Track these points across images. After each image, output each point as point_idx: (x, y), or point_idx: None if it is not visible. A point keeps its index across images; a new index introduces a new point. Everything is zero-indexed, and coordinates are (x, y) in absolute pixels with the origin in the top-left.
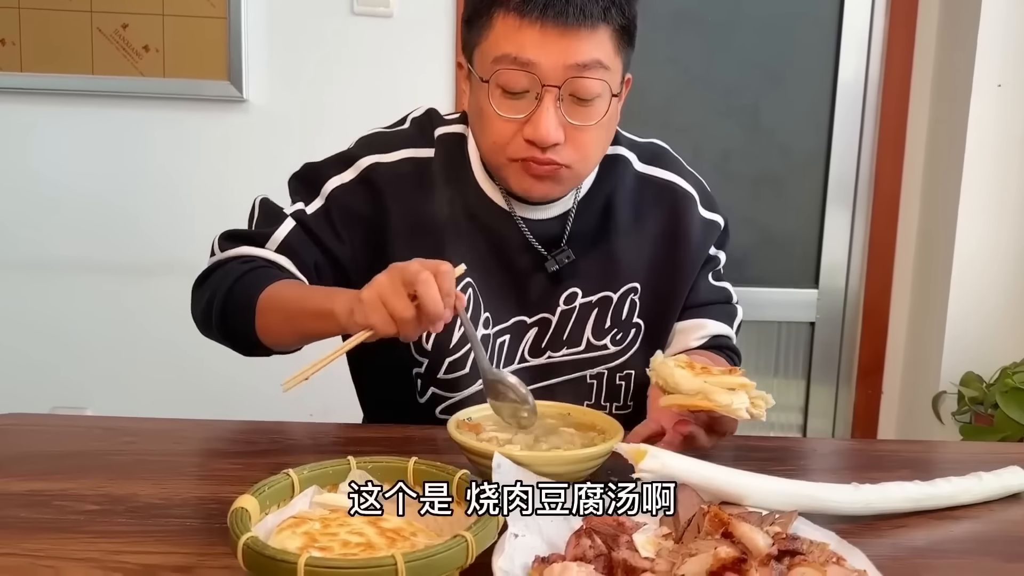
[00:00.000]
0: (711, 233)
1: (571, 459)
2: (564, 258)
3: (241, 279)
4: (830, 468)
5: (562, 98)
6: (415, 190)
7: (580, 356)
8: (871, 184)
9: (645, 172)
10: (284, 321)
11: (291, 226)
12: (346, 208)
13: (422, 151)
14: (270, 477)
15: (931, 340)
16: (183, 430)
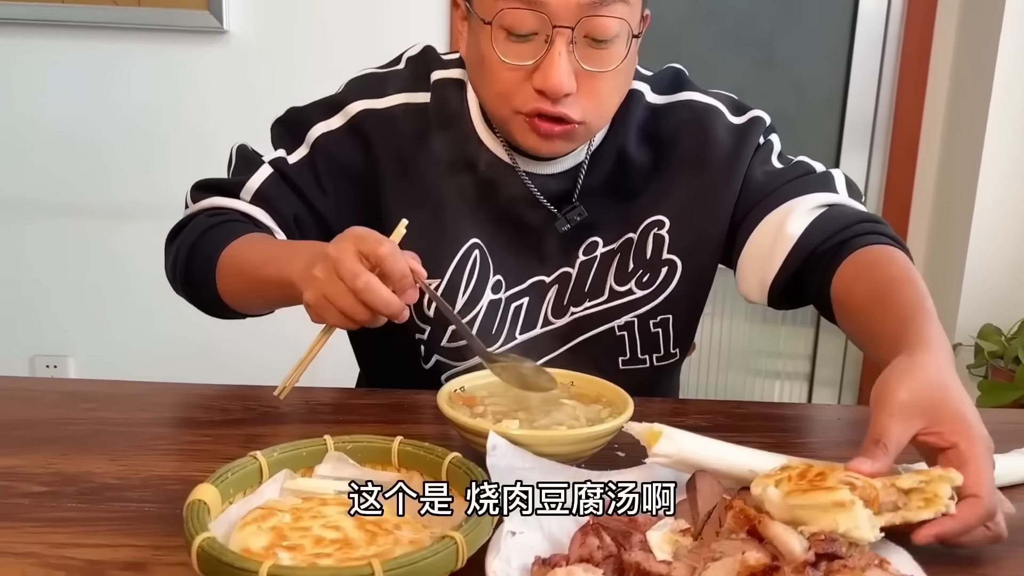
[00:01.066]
0: (748, 133)
1: (574, 439)
2: (576, 215)
3: (205, 235)
4: (850, 440)
5: (575, 40)
6: (409, 140)
7: (603, 307)
8: (889, 125)
9: (660, 102)
10: (246, 286)
11: (267, 173)
12: (332, 158)
13: (417, 96)
14: (234, 461)
15: (947, 290)
16: (149, 395)
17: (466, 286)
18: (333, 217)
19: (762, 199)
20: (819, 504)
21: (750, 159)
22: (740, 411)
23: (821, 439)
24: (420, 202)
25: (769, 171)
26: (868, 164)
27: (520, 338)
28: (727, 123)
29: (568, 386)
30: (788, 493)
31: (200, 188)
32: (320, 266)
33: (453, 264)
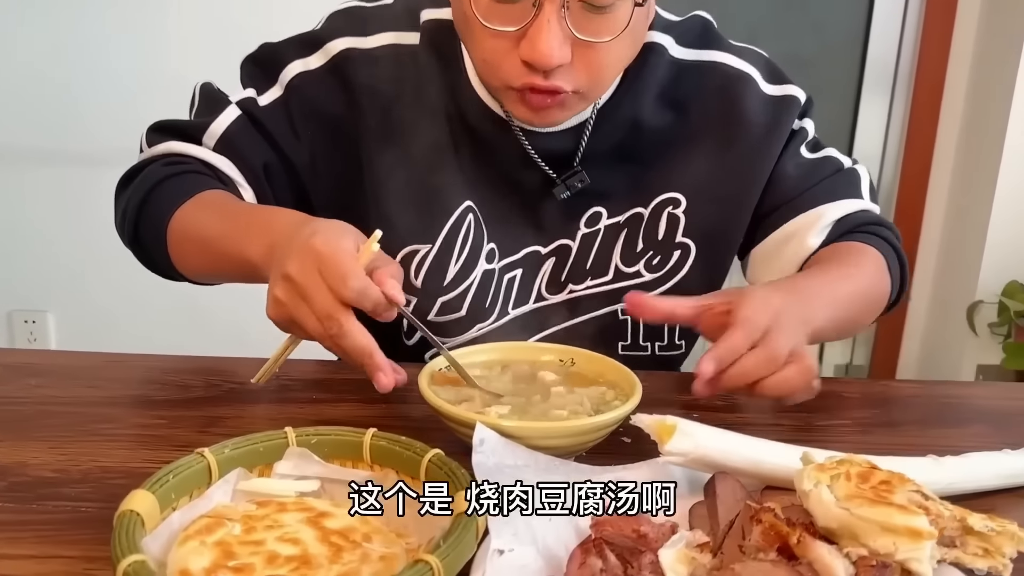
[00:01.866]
0: (784, 110)
1: (574, 430)
2: (576, 182)
3: (157, 189)
4: (889, 423)
5: (568, 5)
6: (396, 87)
7: (607, 287)
8: (913, 69)
9: (684, 58)
10: (201, 257)
11: (234, 116)
12: (309, 101)
13: (406, 36)
14: (178, 460)
15: (971, 243)
16: (102, 368)
17: (459, 254)
18: (305, 165)
19: (790, 200)
20: (887, 524)
21: (782, 149)
22: None
23: (848, 419)
24: (407, 157)
25: (800, 164)
26: (889, 110)
27: (512, 313)
28: (760, 94)
29: (567, 365)
30: (848, 498)
31: (157, 130)
32: (282, 287)
33: (446, 229)
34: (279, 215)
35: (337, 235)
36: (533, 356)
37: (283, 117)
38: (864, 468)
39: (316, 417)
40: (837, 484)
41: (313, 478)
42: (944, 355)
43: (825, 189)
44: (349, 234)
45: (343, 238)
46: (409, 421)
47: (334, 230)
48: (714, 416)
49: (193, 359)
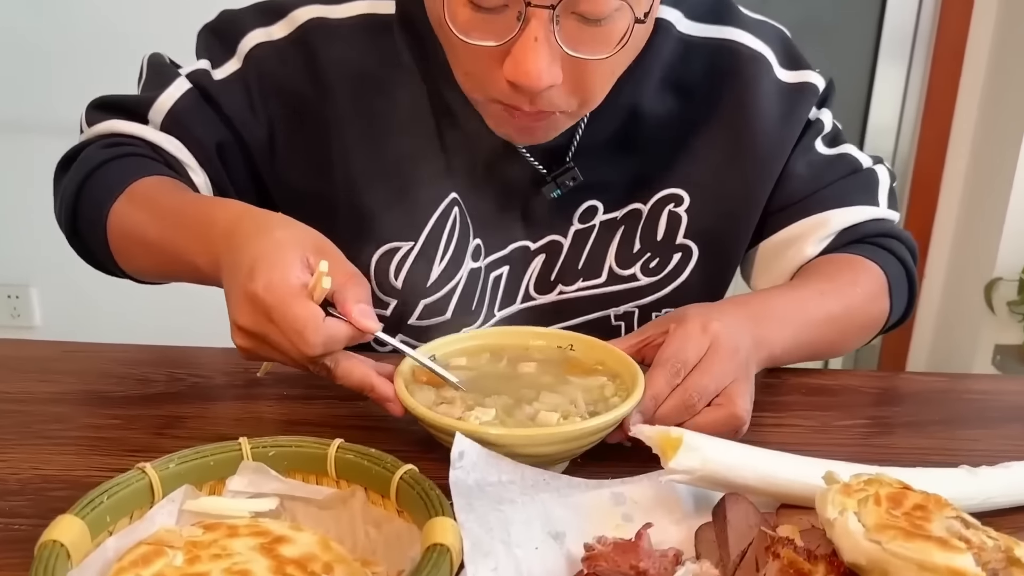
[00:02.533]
0: (800, 99)
1: (564, 436)
2: (568, 180)
3: (95, 174)
4: (912, 422)
5: (558, 20)
6: (371, 62)
7: (600, 290)
8: (932, 35)
9: (692, 34)
10: (145, 258)
11: (184, 89)
12: (270, 75)
13: (381, 5)
14: (115, 478)
15: (989, 218)
16: (55, 360)
17: (444, 252)
18: (262, 145)
19: (798, 201)
20: (925, 562)
21: (795, 143)
22: (773, 381)
23: (868, 418)
24: (384, 144)
25: (813, 161)
26: (907, 79)
27: (498, 315)
28: (775, 81)
29: (565, 351)
30: (879, 528)
31: (99, 107)
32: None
33: (430, 224)
34: (217, 215)
35: (280, 269)
36: (526, 341)
37: (240, 92)
38: (896, 489)
39: (285, 417)
40: (865, 510)
41: (271, 495)
42: (960, 334)
43: (836, 192)
44: (293, 263)
45: (287, 274)
46: (384, 422)
47: (274, 261)
48: None
49: (156, 349)
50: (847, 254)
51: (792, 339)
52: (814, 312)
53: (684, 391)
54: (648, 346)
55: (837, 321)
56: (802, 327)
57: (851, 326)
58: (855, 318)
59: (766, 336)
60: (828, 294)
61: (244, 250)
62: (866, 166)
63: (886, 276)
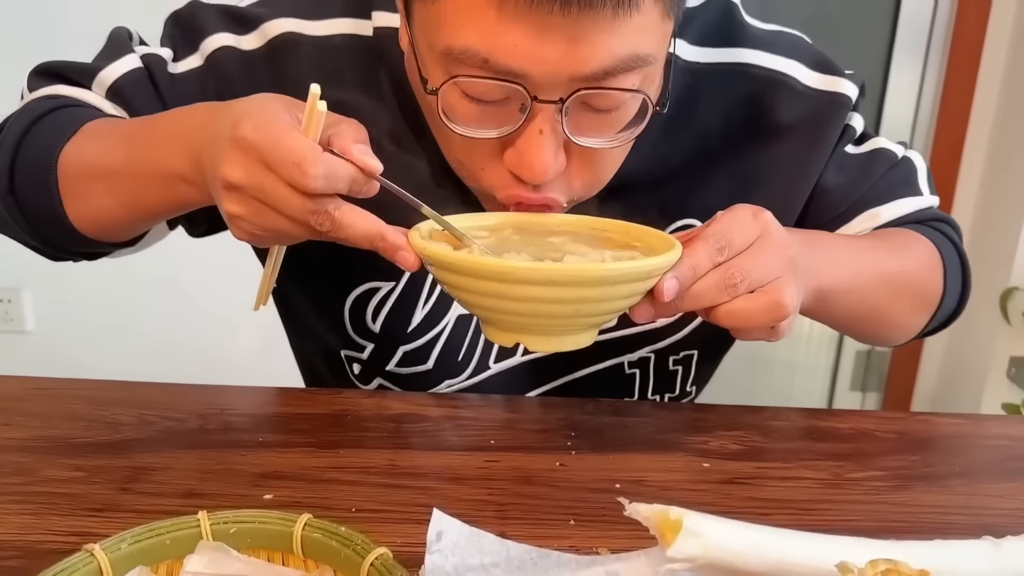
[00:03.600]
0: (832, 111)
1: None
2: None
3: (37, 124)
4: (930, 475)
5: (566, 112)
6: (349, 87)
7: (611, 335)
8: (949, 30)
9: (700, 61)
10: (109, 194)
11: (132, 66)
12: (231, 85)
13: (363, 25)
14: (59, 563)
15: (1006, 224)
16: (22, 398)
17: (428, 295)
18: None
19: (837, 214)
20: None
21: (827, 160)
22: (780, 423)
23: (884, 470)
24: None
25: (846, 166)
26: (922, 75)
27: (495, 368)
28: (803, 93)
29: (600, 231)
30: None
31: (41, 73)
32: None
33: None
34: (190, 111)
35: (267, 113)
36: (555, 221)
37: (195, 91)
38: None
39: (258, 468)
40: None
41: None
42: (974, 345)
43: (878, 191)
44: (280, 105)
45: (277, 114)
46: (364, 476)
47: (261, 108)
48: (729, 466)
49: (128, 387)
50: (899, 228)
51: (844, 279)
52: (868, 261)
53: (727, 268)
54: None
55: (890, 279)
56: (855, 272)
57: (904, 290)
58: (908, 283)
59: (817, 265)
60: (883, 250)
61: (224, 117)
62: (900, 156)
63: (940, 253)
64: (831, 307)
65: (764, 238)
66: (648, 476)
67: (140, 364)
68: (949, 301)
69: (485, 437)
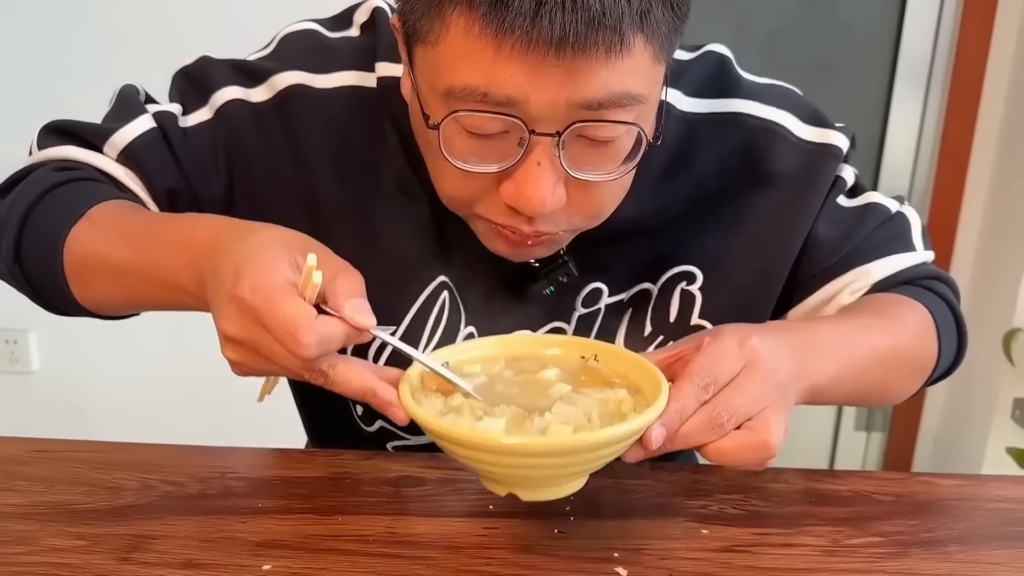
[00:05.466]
0: (823, 162)
1: (575, 447)
2: (561, 276)
3: (48, 196)
4: (929, 541)
5: (563, 144)
6: (354, 138)
7: None
8: (949, 69)
9: (696, 111)
10: (113, 286)
11: (146, 128)
12: (240, 136)
13: (367, 78)
14: None
15: (1009, 264)
16: (26, 461)
17: (429, 338)
18: (215, 202)
19: (832, 264)
20: None
21: (818, 211)
22: (780, 487)
23: (882, 535)
24: (367, 220)
25: (839, 219)
26: (923, 113)
27: None
28: (795, 145)
29: (589, 360)
30: None
31: (53, 131)
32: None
33: (415, 308)
34: (199, 228)
35: (267, 266)
36: (546, 350)
37: (206, 143)
38: None
39: (258, 536)
40: None
41: None
42: (978, 386)
43: (870, 245)
44: (279, 262)
45: (274, 274)
46: (364, 545)
47: (261, 259)
48: (728, 533)
49: (130, 448)
50: (890, 294)
51: (838, 372)
52: (861, 346)
53: (713, 408)
54: (680, 361)
55: (885, 358)
56: (848, 360)
57: (899, 365)
58: (903, 357)
59: (810, 365)
60: (875, 328)
61: (228, 257)
62: (894, 210)
63: (933, 316)
64: (827, 397)
65: (750, 368)
66: (647, 544)
67: (142, 404)
68: (944, 361)
69: (483, 502)
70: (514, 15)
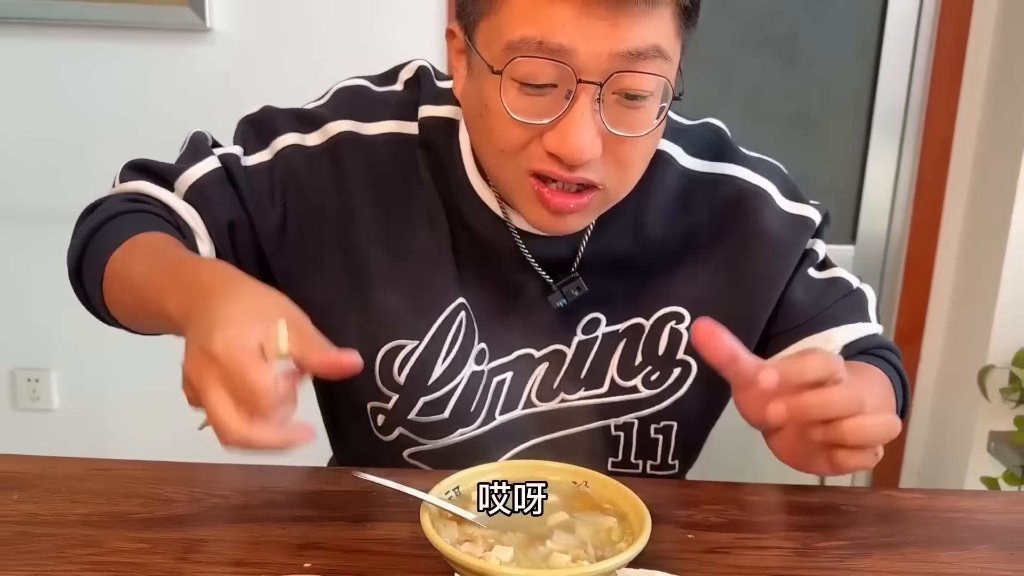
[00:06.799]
0: (800, 231)
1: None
2: (573, 290)
3: (109, 222)
4: (890, 544)
5: (603, 98)
6: (393, 176)
7: (602, 400)
8: (921, 124)
9: (694, 168)
10: (128, 302)
11: (213, 167)
12: (296, 174)
13: (407, 126)
14: None
15: (981, 305)
16: (84, 478)
17: (447, 353)
18: (270, 233)
19: (799, 324)
20: None
21: (793, 272)
22: (758, 499)
23: (847, 539)
24: (398, 248)
25: (810, 286)
26: (898, 161)
27: (499, 419)
28: (778, 212)
29: (577, 488)
30: None
31: (133, 167)
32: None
33: (436, 326)
34: (203, 271)
35: (240, 334)
36: (543, 476)
37: (264, 180)
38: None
39: (298, 540)
40: None
41: None
42: (956, 421)
43: (835, 313)
44: (255, 326)
45: (246, 335)
46: (394, 546)
47: (235, 326)
48: (710, 537)
49: (176, 467)
50: (858, 362)
51: None
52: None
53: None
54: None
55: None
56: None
57: None
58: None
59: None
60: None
61: (212, 310)
62: (855, 286)
63: (891, 382)
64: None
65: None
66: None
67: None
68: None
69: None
70: None
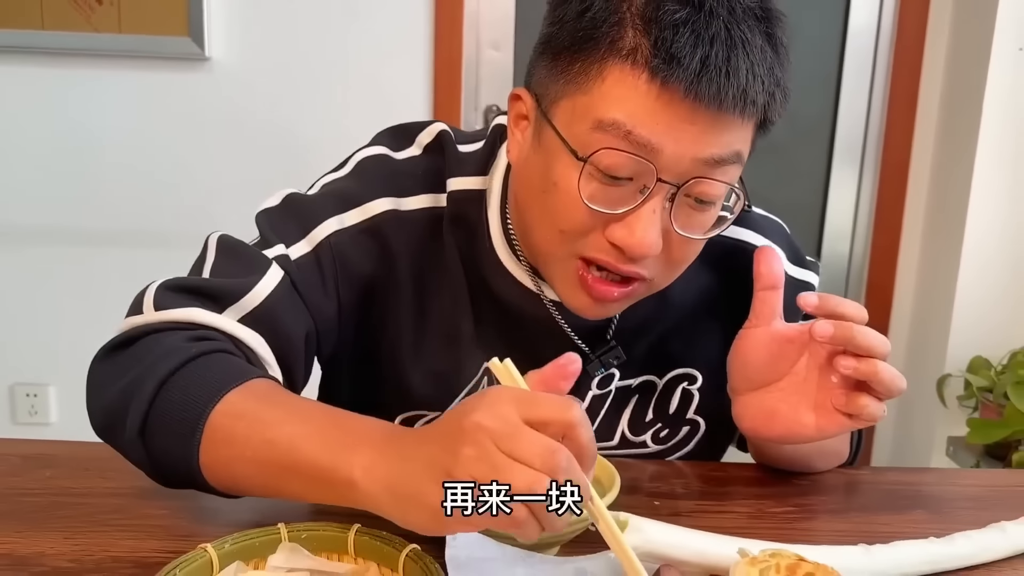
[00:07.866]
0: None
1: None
2: (612, 359)
3: (187, 367)
4: (834, 509)
5: (675, 198)
6: (427, 253)
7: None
8: (879, 151)
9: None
10: (256, 465)
11: (278, 279)
12: (342, 260)
13: (437, 198)
14: (184, 555)
15: (938, 318)
16: (110, 459)
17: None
18: (329, 326)
19: None
20: None
21: None
22: (720, 474)
23: (796, 506)
24: (431, 324)
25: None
26: (858, 186)
27: None
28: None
29: None
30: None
31: (171, 289)
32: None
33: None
34: (367, 422)
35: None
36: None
37: (315, 273)
38: (792, 561)
39: (341, 512)
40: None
41: (303, 570)
42: (917, 427)
43: None
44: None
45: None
46: None
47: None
48: (675, 504)
49: None
50: None
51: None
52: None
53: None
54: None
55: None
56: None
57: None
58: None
59: None
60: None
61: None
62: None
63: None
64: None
65: None
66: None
67: None
68: (850, 456)
69: None
70: (681, 71)
